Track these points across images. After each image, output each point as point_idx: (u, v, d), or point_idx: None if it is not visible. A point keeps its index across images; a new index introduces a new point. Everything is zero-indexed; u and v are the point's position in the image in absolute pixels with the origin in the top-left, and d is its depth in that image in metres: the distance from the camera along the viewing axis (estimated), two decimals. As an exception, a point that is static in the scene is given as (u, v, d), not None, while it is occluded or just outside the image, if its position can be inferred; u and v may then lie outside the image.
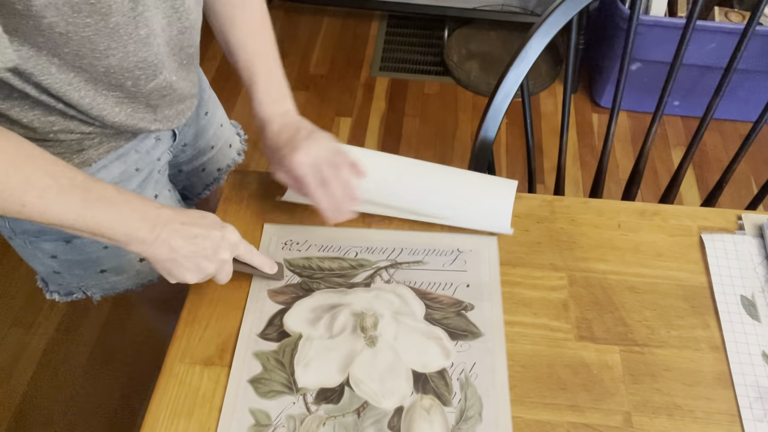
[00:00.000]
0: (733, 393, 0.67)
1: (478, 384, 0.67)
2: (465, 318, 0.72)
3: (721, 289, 0.75)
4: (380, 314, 0.72)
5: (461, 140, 1.94)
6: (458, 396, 0.66)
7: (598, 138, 1.98)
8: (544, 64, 2.13)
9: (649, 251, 0.78)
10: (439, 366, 0.68)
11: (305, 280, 0.74)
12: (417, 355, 0.69)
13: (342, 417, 0.64)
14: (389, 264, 0.76)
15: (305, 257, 0.76)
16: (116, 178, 0.78)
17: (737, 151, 0.97)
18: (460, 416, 0.64)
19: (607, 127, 0.99)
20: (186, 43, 0.72)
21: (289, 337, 0.70)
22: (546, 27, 0.89)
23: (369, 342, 0.69)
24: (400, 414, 0.64)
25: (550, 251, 0.78)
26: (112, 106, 0.69)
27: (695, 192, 1.84)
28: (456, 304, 0.73)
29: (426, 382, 0.67)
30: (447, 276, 0.75)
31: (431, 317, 0.72)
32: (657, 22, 1.73)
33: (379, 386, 0.66)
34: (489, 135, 0.94)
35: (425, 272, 0.75)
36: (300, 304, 0.72)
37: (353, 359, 0.68)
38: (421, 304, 0.73)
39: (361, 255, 0.77)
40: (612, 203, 0.83)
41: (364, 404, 0.65)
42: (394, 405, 0.65)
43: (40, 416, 1.42)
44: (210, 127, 0.97)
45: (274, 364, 0.67)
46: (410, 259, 0.76)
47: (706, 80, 1.86)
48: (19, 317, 1.57)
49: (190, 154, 0.96)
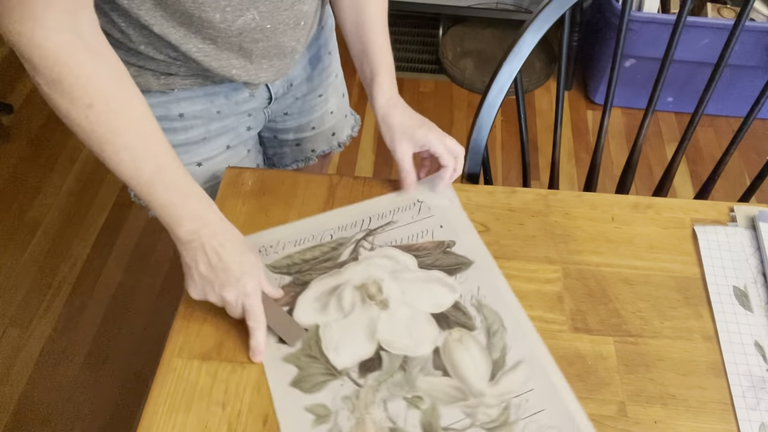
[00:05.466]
0: (726, 382, 0.68)
1: (490, 302, 0.73)
2: (452, 254, 0.77)
3: (714, 280, 0.76)
4: (380, 279, 0.74)
5: (456, 137, 1.93)
6: (478, 318, 0.72)
7: (593, 135, 1.98)
8: (538, 61, 2.14)
9: (642, 243, 0.79)
10: (451, 301, 0.73)
11: (296, 276, 0.75)
12: (428, 300, 0.73)
13: (391, 378, 0.67)
14: (366, 233, 0.79)
15: (285, 256, 0.77)
16: (196, 112, 0.81)
17: (729, 143, 0.98)
18: (488, 333, 0.70)
19: (600, 122, 0.99)
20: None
21: (307, 331, 0.70)
22: (539, 22, 0.89)
23: (381, 306, 0.72)
24: (439, 353, 0.69)
25: (544, 244, 0.79)
26: (197, 42, 0.71)
27: (689, 187, 1.85)
28: (439, 245, 0.78)
29: (447, 318, 0.72)
30: (419, 225, 0.80)
31: (424, 264, 0.76)
32: (650, 19, 1.74)
33: (409, 339, 0.70)
34: (483, 130, 0.95)
35: (400, 229, 0.80)
36: (302, 299, 0.73)
37: (376, 326, 0.71)
38: (410, 256, 0.77)
39: (337, 235, 0.79)
40: (606, 196, 0.84)
41: (404, 359, 0.68)
42: (430, 349, 0.69)
43: (38, 415, 1.42)
44: (318, 109, 0.99)
45: (307, 360, 0.68)
46: (382, 223, 0.80)
47: (699, 76, 1.87)
48: (16, 317, 1.57)
49: (290, 125, 0.98)
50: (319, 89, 0.97)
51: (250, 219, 0.80)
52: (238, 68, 0.76)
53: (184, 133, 0.84)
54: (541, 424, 0.64)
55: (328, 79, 0.98)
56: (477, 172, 0.99)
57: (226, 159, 0.90)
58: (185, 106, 0.80)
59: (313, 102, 0.98)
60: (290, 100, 0.94)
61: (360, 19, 0.82)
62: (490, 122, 0.95)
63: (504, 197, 0.84)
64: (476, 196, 0.84)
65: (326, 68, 0.97)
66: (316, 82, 0.96)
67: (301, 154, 1.05)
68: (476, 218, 0.81)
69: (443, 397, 0.66)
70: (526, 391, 0.66)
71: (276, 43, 0.76)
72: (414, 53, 2.22)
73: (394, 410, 0.65)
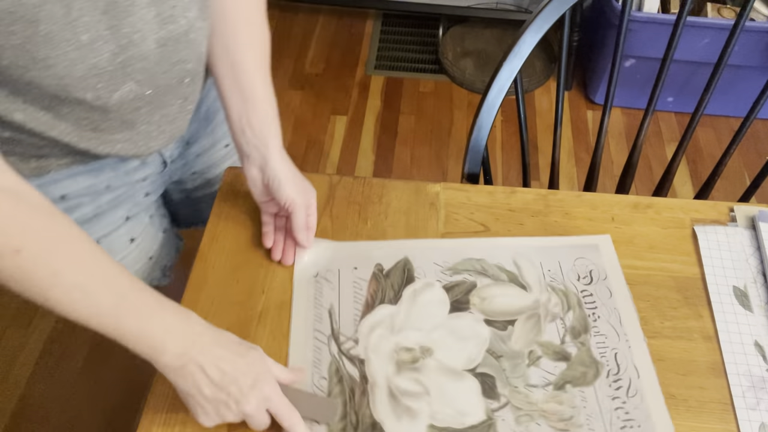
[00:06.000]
0: (726, 382, 0.68)
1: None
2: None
3: (714, 280, 0.75)
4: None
5: (456, 138, 1.94)
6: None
7: (593, 135, 1.98)
8: (538, 61, 2.14)
9: (642, 243, 0.79)
10: None
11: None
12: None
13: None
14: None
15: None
16: (81, 190, 0.72)
17: (729, 143, 0.98)
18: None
19: (600, 122, 0.99)
20: (176, 58, 0.63)
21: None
22: (539, 22, 0.89)
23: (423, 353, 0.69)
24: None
25: (544, 244, 0.79)
26: (67, 126, 0.62)
27: (689, 187, 1.85)
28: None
29: None
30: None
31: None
32: (650, 19, 1.74)
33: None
34: (483, 130, 0.95)
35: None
36: None
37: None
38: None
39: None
40: (605, 196, 0.84)
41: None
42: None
43: (38, 416, 1.42)
44: (227, 159, 0.92)
45: None
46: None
47: (699, 76, 1.87)
48: (17, 317, 1.57)
49: (200, 182, 0.92)
50: (223, 140, 0.90)
51: (250, 219, 0.80)
52: (123, 142, 0.67)
53: (70, 214, 0.73)
54: (571, 264, 0.75)
55: (226, 126, 0.86)
56: (477, 172, 0.99)
57: (127, 231, 0.81)
58: (67, 185, 0.70)
59: (220, 154, 0.90)
60: (192, 158, 0.86)
61: (236, 68, 0.71)
62: (490, 122, 0.95)
63: (504, 197, 0.84)
64: (476, 196, 0.84)
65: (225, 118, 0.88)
66: (219, 133, 0.89)
67: None
68: (476, 218, 0.81)
69: (534, 331, 0.70)
70: (541, 267, 0.73)
71: (160, 107, 0.67)
72: (414, 53, 2.22)
73: None
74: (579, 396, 0.66)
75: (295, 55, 2.20)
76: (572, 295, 0.73)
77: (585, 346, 0.69)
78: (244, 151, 0.73)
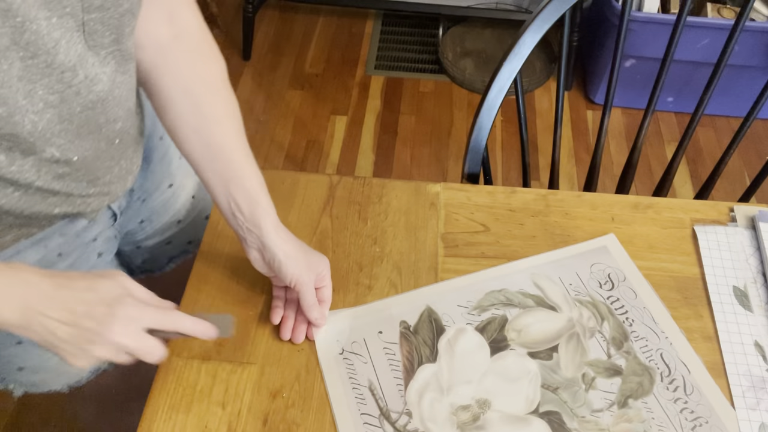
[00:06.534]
0: (726, 382, 0.68)
1: None
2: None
3: (714, 280, 0.76)
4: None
5: (456, 138, 1.94)
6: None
7: (593, 135, 1.98)
8: (538, 61, 2.14)
9: (642, 244, 0.79)
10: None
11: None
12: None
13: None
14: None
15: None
16: (33, 264, 0.64)
17: (729, 143, 0.98)
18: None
19: (600, 122, 0.99)
20: (102, 119, 0.59)
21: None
22: (539, 22, 0.89)
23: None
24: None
25: (545, 244, 0.79)
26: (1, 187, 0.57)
27: (689, 187, 1.85)
28: None
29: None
30: None
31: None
32: (650, 19, 1.74)
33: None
34: (483, 130, 0.95)
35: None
36: None
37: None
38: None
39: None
40: (606, 196, 0.84)
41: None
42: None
43: (37, 416, 1.42)
44: (176, 200, 0.88)
45: None
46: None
47: (699, 76, 1.87)
48: (16, 317, 1.57)
49: (150, 231, 0.87)
50: (166, 180, 0.85)
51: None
52: (60, 205, 0.63)
53: None
54: (588, 273, 0.75)
55: (170, 166, 0.85)
56: (477, 172, 0.99)
57: None
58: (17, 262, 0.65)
59: (165, 195, 0.86)
60: (137, 205, 0.82)
61: (212, 145, 0.66)
62: (490, 122, 0.95)
63: (504, 197, 0.84)
64: (476, 196, 0.84)
65: (164, 155, 0.84)
66: (159, 174, 0.84)
67: (176, 250, 0.94)
68: (476, 218, 0.81)
69: (579, 352, 0.69)
70: (562, 283, 0.75)
71: (92, 170, 0.63)
72: (414, 53, 2.22)
73: None
74: (644, 408, 0.65)
75: (295, 55, 2.20)
76: (601, 305, 0.73)
77: (631, 354, 0.69)
78: (239, 235, 0.69)
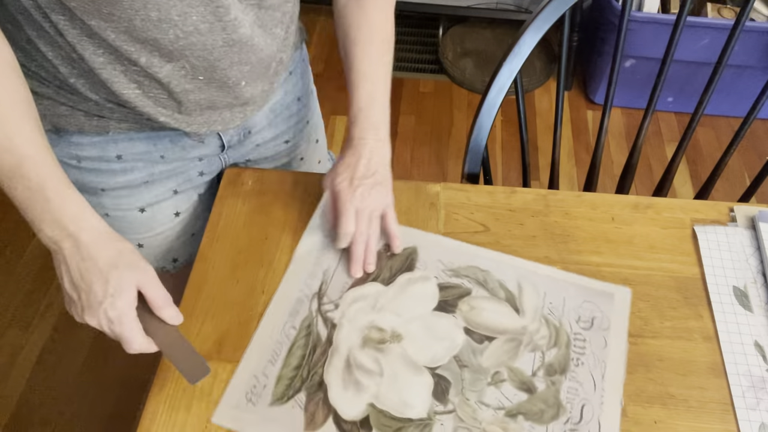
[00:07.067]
0: (726, 382, 0.68)
1: (460, 263, 0.77)
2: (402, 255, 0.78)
3: (714, 280, 0.75)
4: (379, 321, 0.73)
5: (456, 138, 1.94)
6: (464, 280, 0.76)
7: (593, 135, 1.98)
8: (538, 61, 2.14)
9: (642, 244, 0.79)
10: (434, 286, 0.73)
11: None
12: (423, 298, 0.74)
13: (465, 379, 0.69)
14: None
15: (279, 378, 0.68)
16: (137, 154, 0.75)
17: (729, 143, 0.98)
18: (480, 284, 0.76)
19: (600, 122, 0.99)
20: (236, 59, 0.67)
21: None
22: (539, 22, 0.89)
23: (395, 340, 0.71)
24: (471, 332, 0.72)
25: (544, 244, 0.79)
26: (126, 79, 0.65)
27: (689, 188, 1.85)
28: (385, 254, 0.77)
29: (446, 302, 0.74)
30: None
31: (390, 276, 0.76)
32: (650, 19, 1.74)
33: (439, 341, 0.71)
34: (483, 130, 0.95)
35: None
36: None
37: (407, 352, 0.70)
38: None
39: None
40: (606, 197, 0.84)
41: (458, 360, 0.69)
42: (461, 339, 0.71)
43: (37, 416, 1.42)
44: (284, 155, 0.93)
45: None
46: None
47: (699, 76, 1.87)
48: (16, 317, 1.57)
49: (267, 155, 0.91)
50: (284, 135, 0.90)
51: (250, 219, 0.80)
52: (165, 116, 0.70)
53: (123, 175, 0.77)
54: (577, 304, 0.73)
55: (296, 126, 0.91)
56: (477, 172, 0.99)
57: (173, 205, 0.84)
58: (124, 147, 0.74)
59: (278, 148, 0.91)
60: (250, 147, 0.86)
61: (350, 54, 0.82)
62: (490, 122, 0.95)
63: (504, 197, 0.84)
64: (476, 196, 0.84)
65: (293, 114, 0.89)
66: (282, 128, 0.89)
67: None
68: (476, 218, 0.81)
69: (509, 355, 0.68)
70: (544, 297, 0.73)
71: (206, 99, 0.70)
72: (414, 53, 2.22)
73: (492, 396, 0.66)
74: (527, 430, 0.64)
75: (295, 55, 2.20)
76: (563, 334, 0.70)
77: (555, 387, 0.67)
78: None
